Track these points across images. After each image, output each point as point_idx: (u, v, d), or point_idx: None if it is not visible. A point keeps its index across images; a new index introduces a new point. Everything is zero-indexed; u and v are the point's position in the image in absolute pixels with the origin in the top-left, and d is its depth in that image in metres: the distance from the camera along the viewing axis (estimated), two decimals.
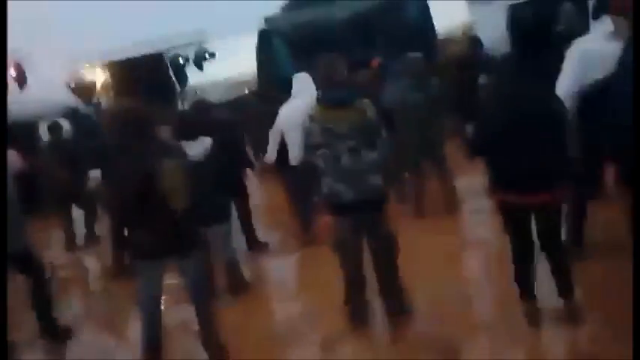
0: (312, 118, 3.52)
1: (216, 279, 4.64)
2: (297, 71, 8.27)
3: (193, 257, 3.55)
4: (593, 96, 3.45)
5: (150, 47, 10.48)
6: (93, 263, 6.72)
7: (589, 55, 3.59)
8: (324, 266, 4.63)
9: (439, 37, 9.93)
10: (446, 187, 5.74)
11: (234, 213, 5.56)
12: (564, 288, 3.30)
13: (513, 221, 3.30)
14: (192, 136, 4.39)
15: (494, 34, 9.39)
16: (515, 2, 12.18)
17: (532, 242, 3.32)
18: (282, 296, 4.90)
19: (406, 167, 5.78)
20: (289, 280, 5.24)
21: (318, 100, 3.58)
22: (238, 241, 5.61)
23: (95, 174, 5.62)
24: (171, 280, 3.69)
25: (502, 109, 3.21)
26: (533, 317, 3.36)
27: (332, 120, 3.42)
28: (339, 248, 3.61)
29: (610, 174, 4.00)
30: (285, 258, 5.61)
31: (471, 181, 6.37)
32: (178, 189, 3.35)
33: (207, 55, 11.23)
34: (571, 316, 3.30)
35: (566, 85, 3.61)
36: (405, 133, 5.45)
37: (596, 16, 4.06)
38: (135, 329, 3.77)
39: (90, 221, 7.05)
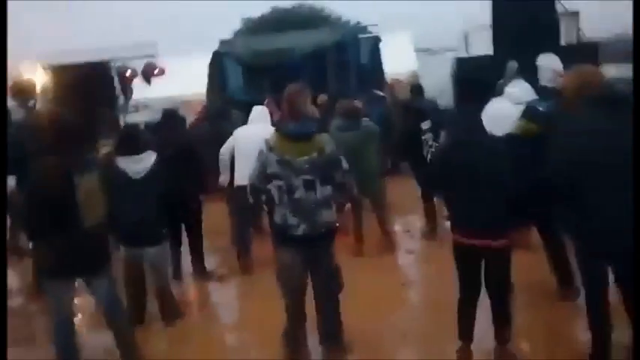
0: (270, 147, 3.45)
1: (149, 303, 4.48)
2: (249, 95, 8.32)
3: (103, 276, 3.42)
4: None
5: (97, 55, 10.17)
6: (15, 279, 6.21)
7: (497, 113, 4.10)
8: (264, 295, 4.55)
9: (387, 80, 10.28)
10: (383, 227, 5.82)
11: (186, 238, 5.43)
12: (501, 335, 3.39)
13: (464, 262, 3.38)
14: (134, 151, 4.22)
15: (439, 83, 9.86)
16: (461, 56, 12.92)
17: (479, 285, 3.40)
18: (218, 325, 4.76)
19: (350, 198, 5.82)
20: (228, 308, 5.10)
21: (277, 129, 3.54)
22: (187, 265, 5.47)
23: (11, 181, 5.13)
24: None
25: (453, 155, 3.35)
26: (464, 358, 3.44)
27: (291, 152, 3.38)
28: (283, 279, 3.56)
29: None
30: (226, 285, 5.45)
31: (410, 221, 6.57)
32: (93, 205, 3.26)
33: (156, 70, 11.02)
34: None
35: None
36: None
37: (512, 79, 4.61)
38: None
39: (13, 232, 6.57)
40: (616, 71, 10.83)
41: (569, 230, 3.23)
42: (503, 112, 4.21)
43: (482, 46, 12.55)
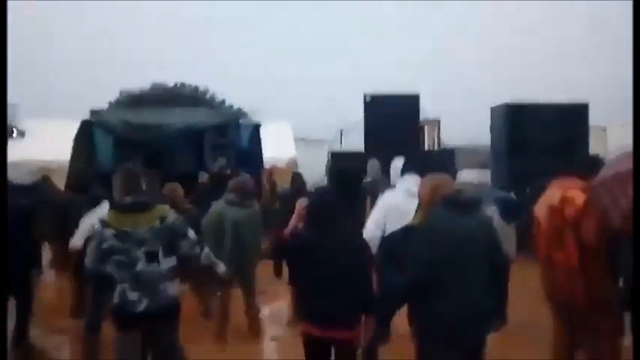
0: (105, 223, 3.32)
1: None
2: (118, 166, 7.87)
3: None
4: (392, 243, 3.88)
5: None
6: None
7: (392, 207, 4.27)
8: None
9: (265, 165, 10.41)
10: (250, 312, 5.66)
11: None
12: None
13: (313, 352, 3.33)
14: None
15: (315, 174, 10.20)
16: (335, 151, 13.62)
17: None
18: None
19: (218, 285, 5.59)
20: None
21: (111, 207, 3.46)
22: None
23: None
24: None
25: (312, 244, 3.32)
26: None
27: (129, 224, 3.28)
28: None
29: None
30: None
31: (278, 308, 6.43)
32: None
33: (14, 133, 10.17)
34: None
35: (371, 230, 4.24)
36: (220, 249, 5.36)
37: (402, 173, 4.73)
38: None
39: None
40: (472, 175, 12.12)
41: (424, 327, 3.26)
42: (397, 205, 4.29)
43: (356, 140, 13.38)
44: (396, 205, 4.26)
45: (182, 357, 3.46)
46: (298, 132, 15.89)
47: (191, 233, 3.45)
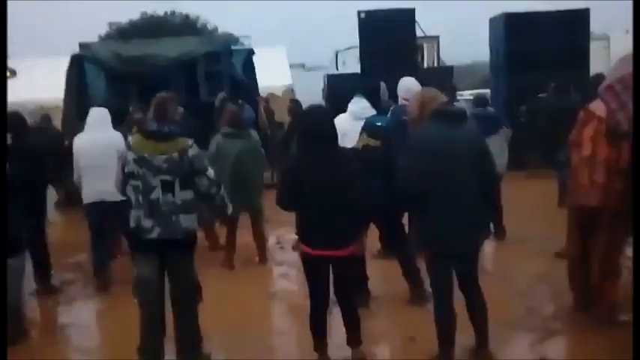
0: (129, 146, 3.37)
1: None
2: (112, 102, 7.78)
3: None
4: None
5: None
6: None
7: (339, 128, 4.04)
8: (120, 315, 4.31)
9: (262, 93, 10.26)
10: (258, 239, 5.77)
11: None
12: (352, 338, 3.48)
13: (312, 271, 3.42)
14: None
15: (312, 98, 10.05)
16: (331, 73, 13.36)
17: (327, 292, 3.44)
18: (68, 346, 4.35)
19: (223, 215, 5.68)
20: (80, 328, 4.64)
21: (139, 130, 3.45)
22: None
23: None
24: None
25: (304, 168, 3.32)
26: None
27: (149, 150, 3.29)
28: (138, 289, 3.38)
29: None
30: (79, 303, 5.06)
31: (285, 233, 6.56)
32: None
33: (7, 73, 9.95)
34: None
35: None
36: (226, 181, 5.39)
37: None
38: None
39: None
40: (470, 93, 11.96)
41: (418, 235, 3.41)
42: (344, 127, 4.32)
43: (352, 64, 13.12)
44: (341, 124, 4.10)
45: (198, 290, 3.52)
46: (293, 58, 15.51)
47: (210, 172, 3.44)
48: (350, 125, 4.66)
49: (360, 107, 4.96)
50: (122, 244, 5.40)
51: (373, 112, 4.82)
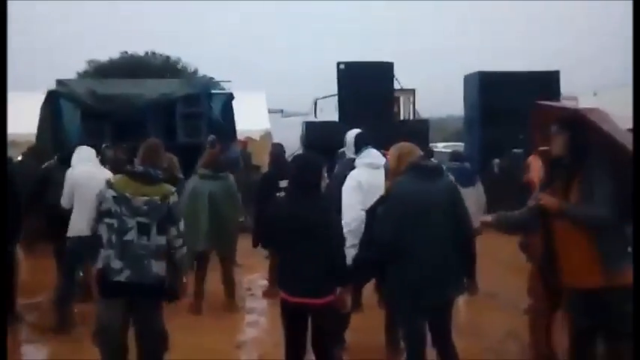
0: (110, 184, 3.32)
1: None
2: (87, 140, 7.67)
3: None
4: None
5: None
6: None
7: (361, 185, 3.98)
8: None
9: (239, 136, 10.27)
10: (228, 284, 5.63)
11: None
12: None
13: (289, 319, 3.33)
14: None
15: (290, 143, 10.10)
16: (310, 120, 13.50)
17: (304, 342, 3.33)
18: None
19: (192, 259, 5.54)
20: None
21: (125, 171, 3.42)
22: None
23: None
24: None
25: (288, 211, 3.28)
26: None
27: (131, 190, 3.26)
28: (100, 336, 3.25)
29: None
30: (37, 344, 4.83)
31: (256, 279, 6.42)
32: None
33: None
34: None
35: (349, 216, 3.86)
36: (196, 221, 5.31)
37: (357, 150, 4.36)
38: None
39: None
40: (445, 145, 12.21)
41: (393, 286, 3.33)
42: (363, 179, 4.04)
43: (330, 112, 13.32)
44: (364, 182, 4.03)
45: (166, 340, 3.42)
46: (273, 104, 15.66)
47: (181, 225, 3.42)
48: (370, 176, 4.04)
49: (376, 155, 4.35)
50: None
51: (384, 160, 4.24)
